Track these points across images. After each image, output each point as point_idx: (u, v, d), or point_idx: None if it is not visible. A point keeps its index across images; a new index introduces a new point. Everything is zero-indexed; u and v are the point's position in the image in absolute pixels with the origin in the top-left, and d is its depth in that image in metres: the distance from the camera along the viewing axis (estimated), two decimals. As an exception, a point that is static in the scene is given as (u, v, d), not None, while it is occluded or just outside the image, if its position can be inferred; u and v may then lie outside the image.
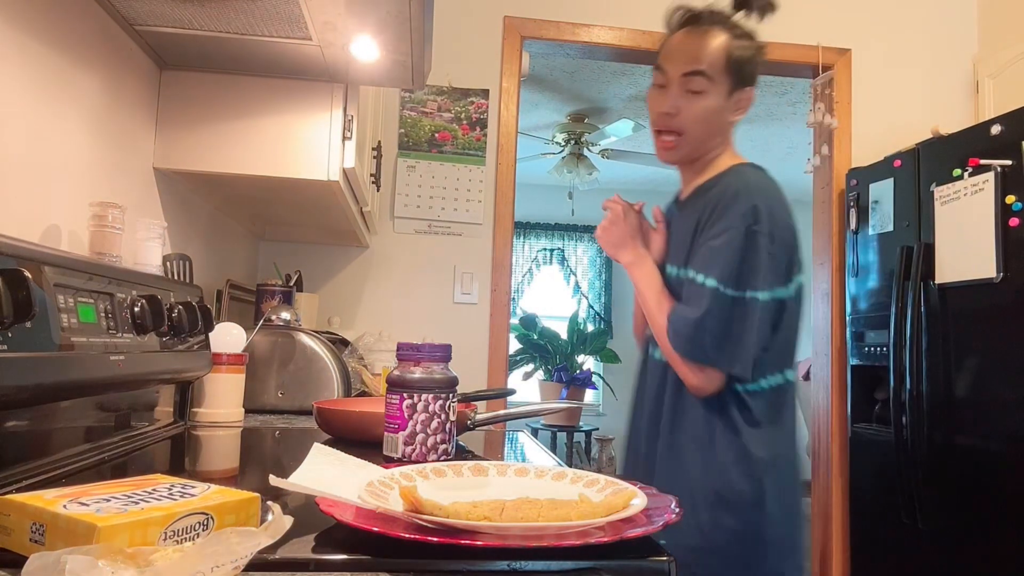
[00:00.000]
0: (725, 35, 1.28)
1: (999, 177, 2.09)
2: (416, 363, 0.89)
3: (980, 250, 2.13)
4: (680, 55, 1.28)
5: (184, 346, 1.11)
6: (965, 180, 2.21)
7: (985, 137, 2.18)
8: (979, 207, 2.15)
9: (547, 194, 6.22)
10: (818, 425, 2.92)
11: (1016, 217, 2.03)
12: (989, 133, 2.16)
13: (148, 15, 1.25)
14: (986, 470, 2.09)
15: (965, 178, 2.21)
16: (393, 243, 2.71)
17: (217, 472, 0.92)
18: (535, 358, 5.67)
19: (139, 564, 0.39)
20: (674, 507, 0.61)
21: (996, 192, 2.09)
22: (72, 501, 0.49)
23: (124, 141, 1.34)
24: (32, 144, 1.03)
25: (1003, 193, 2.07)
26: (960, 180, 2.23)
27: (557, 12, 2.78)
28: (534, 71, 3.85)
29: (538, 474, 0.73)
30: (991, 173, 2.11)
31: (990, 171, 2.11)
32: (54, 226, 1.09)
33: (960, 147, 2.27)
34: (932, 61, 2.96)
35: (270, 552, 0.48)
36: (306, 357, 1.54)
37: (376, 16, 1.20)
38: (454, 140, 2.73)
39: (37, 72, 1.03)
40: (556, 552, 0.52)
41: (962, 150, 2.25)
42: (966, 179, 2.21)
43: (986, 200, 2.12)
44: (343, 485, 0.62)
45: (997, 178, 2.09)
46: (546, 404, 1.41)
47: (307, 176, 1.52)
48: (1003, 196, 2.07)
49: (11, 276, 0.65)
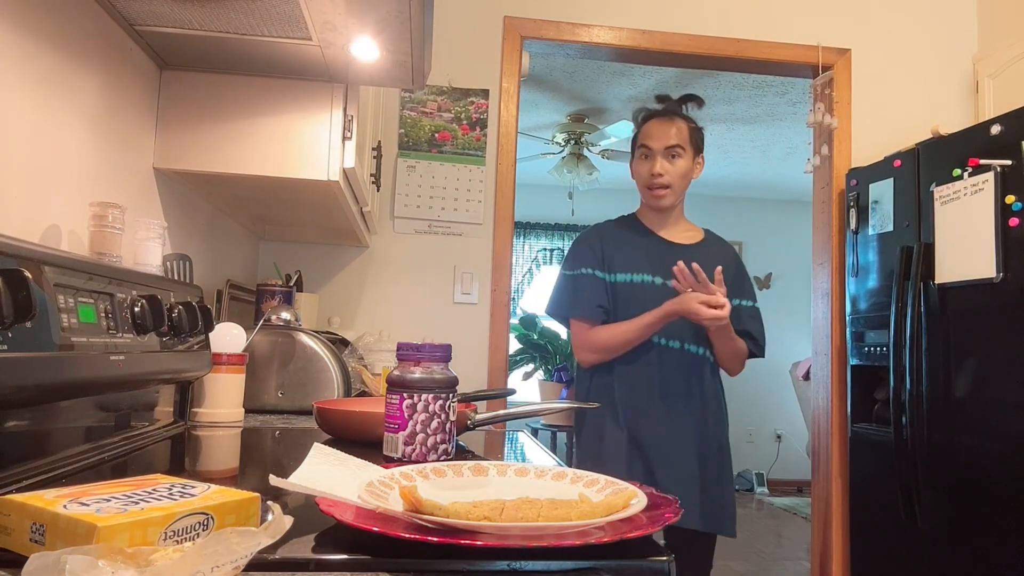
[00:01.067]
0: (684, 122, 1.85)
1: (999, 177, 2.09)
2: (416, 363, 0.89)
3: (980, 250, 2.13)
4: (660, 135, 1.82)
5: (184, 346, 1.11)
6: (965, 180, 2.21)
7: (985, 137, 2.17)
8: (979, 207, 2.15)
9: (547, 194, 6.22)
10: (818, 425, 2.92)
11: (1016, 217, 2.03)
12: (989, 133, 2.16)
13: (148, 15, 1.25)
14: (986, 470, 2.09)
15: (965, 178, 2.21)
16: (393, 243, 2.71)
17: (217, 472, 0.92)
18: (535, 358, 5.68)
19: (139, 564, 0.39)
20: (674, 507, 0.62)
21: (996, 192, 2.09)
22: (72, 501, 0.49)
23: (124, 141, 1.34)
24: (32, 144, 1.03)
25: (1003, 193, 2.07)
26: (960, 180, 2.23)
27: (557, 12, 2.79)
28: (534, 71, 3.85)
29: (538, 474, 0.73)
30: (991, 173, 2.11)
31: (990, 171, 2.11)
32: (54, 226, 1.09)
33: (960, 147, 2.27)
34: (932, 61, 2.96)
35: (270, 552, 0.48)
36: (306, 357, 1.54)
37: (376, 16, 1.20)
38: (454, 140, 2.73)
39: (37, 72, 1.03)
40: (556, 552, 0.52)
41: (962, 150, 2.25)
42: (966, 179, 2.20)
43: (986, 200, 2.12)
44: (343, 485, 0.62)
45: (997, 178, 2.09)
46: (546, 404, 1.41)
47: (307, 176, 1.52)
48: (1003, 196, 2.07)
49: (11, 276, 0.65)
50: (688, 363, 1.79)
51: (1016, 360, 2.02)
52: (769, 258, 6.37)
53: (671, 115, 1.84)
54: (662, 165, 1.79)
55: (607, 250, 1.83)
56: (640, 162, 1.84)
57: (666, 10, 2.84)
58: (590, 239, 1.87)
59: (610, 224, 1.93)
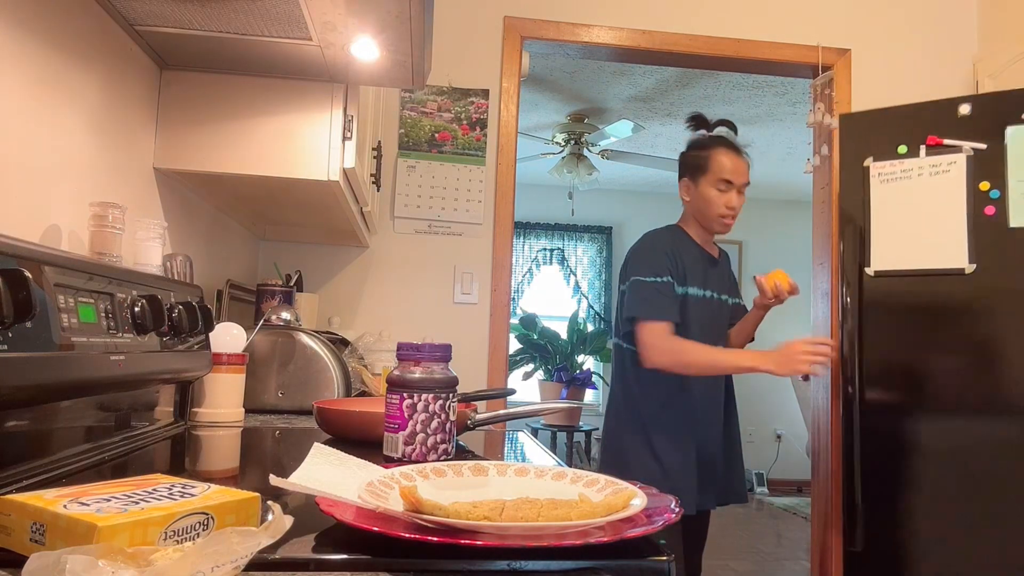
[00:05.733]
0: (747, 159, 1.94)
1: (971, 162, 1.98)
2: (416, 363, 0.89)
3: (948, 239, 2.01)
4: (740, 172, 1.91)
5: (184, 346, 1.11)
6: (921, 159, 2.07)
7: (950, 117, 2.06)
8: (944, 191, 2.01)
9: (547, 194, 6.22)
10: (818, 425, 2.92)
11: (992, 205, 1.96)
12: (956, 114, 2.06)
13: (148, 15, 1.25)
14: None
15: (922, 156, 2.08)
16: (393, 243, 2.71)
17: (217, 472, 0.92)
18: (535, 358, 5.68)
19: (139, 564, 0.39)
20: (674, 507, 0.62)
21: (968, 178, 1.99)
22: (72, 501, 0.49)
23: (124, 141, 1.35)
24: (32, 144, 1.03)
25: (975, 180, 1.98)
26: (909, 158, 2.10)
27: (557, 12, 2.79)
28: (534, 71, 3.85)
29: (538, 474, 0.73)
30: (960, 155, 1.99)
31: (958, 152, 2.00)
32: (54, 226, 1.09)
33: (910, 122, 2.15)
34: (932, 61, 2.96)
35: (270, 552, 0.48)
36: (306, 357, 1.54)
37: (376, 16, 1.20)
38: (454, 140, 2.73)
39: (37, 72, 1.03)
40: (556, 552, 0.52)
41: (913, 125, 2.13)
42: (922, 157, 2.07)
43: (955, 184, 2.00)
44: (343, 485, 0.62)
45: (969, 163, 1.98)
46: (546, 404, 1.41)
47: (307, 176, 1.52)
48: (976, 182, 1.98)
49: (11, 276, 0.65)
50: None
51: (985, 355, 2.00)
52: (769, 258, 6.37)
53: (742, 151, 1.94)
54: (740, 200, 1.91)
55: (678, 261, 1.88)
56: (716, 192, 1.90)
57: (666, 10, 2.84)
58: (665, 247, 1.89)
59: (676, 234, 1.98)
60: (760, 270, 6.33)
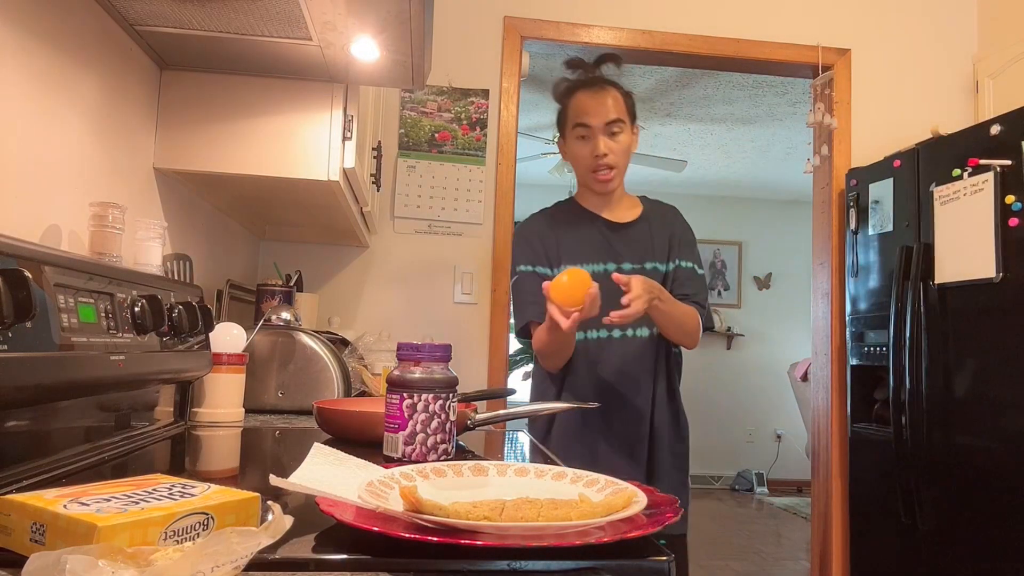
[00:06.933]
0: (616, 90, 1.65)
1: (998, 177, 2.09)
2: (416, 363, 0.89)
3: (980, 250, 2.13)
4: (597, 111, 1.60)
5: (184, 346, 1.11)
6: (965, 180, 2.21)
7: (984, 137, 2.17)
8: (979, 207, 2.15)
9: (547, 194, 6.20)
10: (818, 425, 2.92)
11: (1016, 217, 2.03)
12: (988, 133, 2.16)
13: (148, 15, 1.25)
14: (986, 470, 2.09)
15: (965, 178, 2.21)
16: (393, 243, 2.71)
17: (217, 472, 0.92)
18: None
19: (139, 564, 0.39)
20: (674, 507, 0.62)
21: (996, 192, 2.09)
22: (72, 501, 0.49)
23: (124, 141, 1.34)
24: (32, 144, 1.03)
25: (1003, 193, 2.07)
26: (959, 180, 2.23)
27: (557, 12, 2.79)
28: (534, 71, 3.85)
29: (538, 474, 0.73)
30: (990, 173, 2.11)
31: (989, 171, 2.11)
32: (54, 226, 1.09)
33: (959, 147, 2.27)
34: (932, 61, 2.96)
35: (270, 552, 0.48)
36: (306, 357, 1.54)
37: (376, 16, 1.20)
38: (454, 140, 2.73)
39: (37, 72, 1.03)
40: (556, 552, 0.52)
41: (962, 150, 2.25)
42: (966, 179, 2.20)
43: (986, 200, 2.12)
44: (343, 485, 0.62)
45: (996, 178, 2.09)
46: (546, 404, 1.42)
47: (307, 176, 1.52)
48: (1003, 196, 2.07)
49: (11, 276, 0.65)
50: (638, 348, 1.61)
51: (1016, 360, 2.02)
52: (769, 258, 6.37)
53: (600, 84, 1.64)
54: (605, 144, 1.59)
55: (547, 243, 1.63)
56: (577, 143, 1.63)
57: (666, 10, 2.84)
58: (527, 233, 1.68)
59: (546, 213, 1.73)
60: (760, 270, 6.33)
